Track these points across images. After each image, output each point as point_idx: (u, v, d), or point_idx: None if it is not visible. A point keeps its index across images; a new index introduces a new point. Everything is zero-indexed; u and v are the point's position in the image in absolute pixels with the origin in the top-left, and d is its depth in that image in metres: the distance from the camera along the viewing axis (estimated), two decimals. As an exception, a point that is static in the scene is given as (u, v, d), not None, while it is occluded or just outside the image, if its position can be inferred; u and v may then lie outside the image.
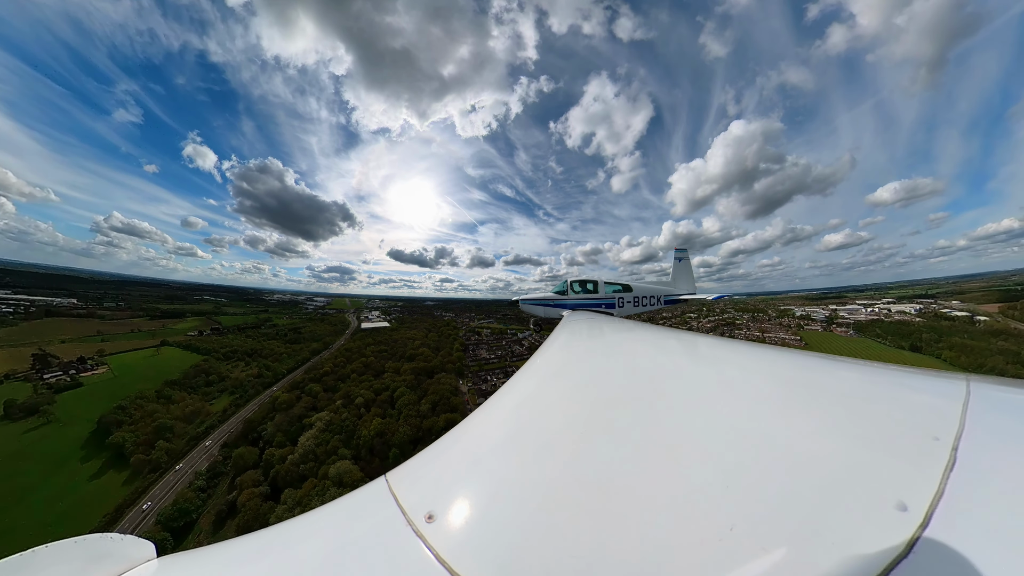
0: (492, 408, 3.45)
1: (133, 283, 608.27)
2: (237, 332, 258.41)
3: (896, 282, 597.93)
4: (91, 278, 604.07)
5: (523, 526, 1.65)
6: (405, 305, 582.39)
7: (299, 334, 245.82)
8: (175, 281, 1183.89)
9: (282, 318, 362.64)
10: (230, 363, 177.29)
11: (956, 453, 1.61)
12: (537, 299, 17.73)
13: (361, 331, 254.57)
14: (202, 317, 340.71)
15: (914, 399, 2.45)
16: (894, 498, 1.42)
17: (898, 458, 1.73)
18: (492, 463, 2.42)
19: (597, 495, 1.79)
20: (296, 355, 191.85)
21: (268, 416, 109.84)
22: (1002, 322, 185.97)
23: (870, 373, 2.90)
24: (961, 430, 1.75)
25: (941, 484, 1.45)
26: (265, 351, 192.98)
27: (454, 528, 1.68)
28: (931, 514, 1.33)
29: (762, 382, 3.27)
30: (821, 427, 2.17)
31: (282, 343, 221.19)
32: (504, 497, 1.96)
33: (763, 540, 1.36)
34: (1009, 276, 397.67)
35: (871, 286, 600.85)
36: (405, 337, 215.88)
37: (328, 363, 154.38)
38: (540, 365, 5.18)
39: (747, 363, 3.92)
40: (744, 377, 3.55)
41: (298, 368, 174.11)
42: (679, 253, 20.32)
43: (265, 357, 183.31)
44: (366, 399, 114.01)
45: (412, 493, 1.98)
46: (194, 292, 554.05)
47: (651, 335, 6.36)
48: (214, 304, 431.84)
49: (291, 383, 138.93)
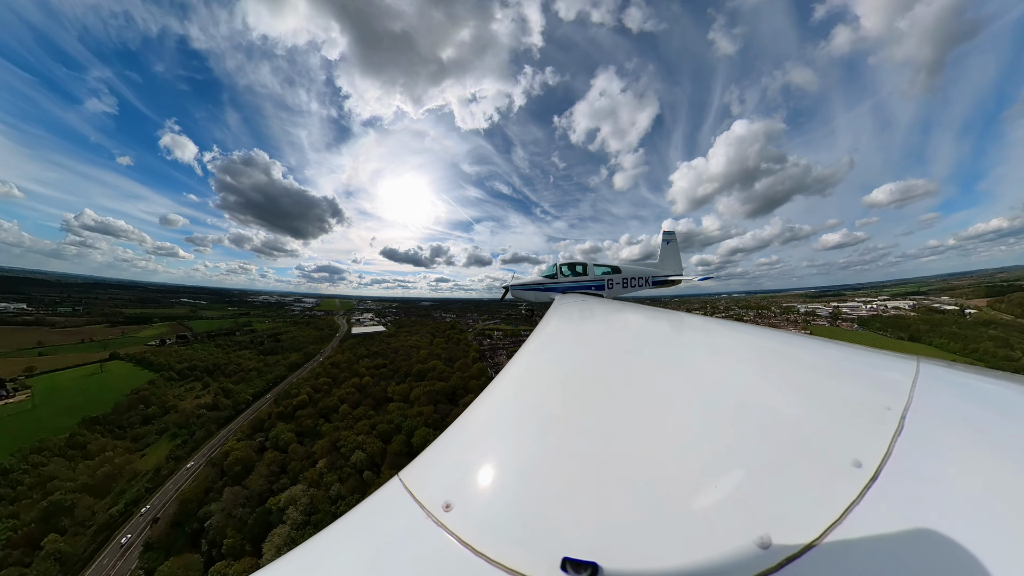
0: (492, 395, 3.45)
1: (105, 286, 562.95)
2: (207, 340, 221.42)
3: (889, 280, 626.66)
4: (58, 281, 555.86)
5: (535, 502, 1.79)
6: (400, 306, 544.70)
7: (278, 342, 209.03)
8: (153, 283, 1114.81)
9: (264, 322, 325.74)
10: (184, 385, 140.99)
11: (904, 421, 1.93)
12: (527, 284, 17.78)
13: (352, 337, 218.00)
14: (172, 323, 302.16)
15: (871, 374, 2.83)
16: (851, 456, 1.71)
17: (856, 423, 2.06)
18: (499, 448, 2.54)
19: (600, 466, 1.97)
20: (268, 372, 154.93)
21: (214, 487, 73.91)
22: (990, 314, 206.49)
23: (834, 351, 3.39)
24: (909, 402, 2.10)
25: (890, 446, 1.76)
26: (231, 367, 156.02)
27: (472, 513, 1.77)
28: (880, 470, 1.61)
29: (744, 355, 3.82)
30: (793, 396, 2.56)
31: (255, 354, 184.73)
32: (514, 478, 2.09)
33: (743, 491, 1.61)
34: (996, 273, 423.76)
35: (866, 285, 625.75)
36: (407, 345, 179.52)
37: (306, 388, 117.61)
38: (535, 349, 5.30)
39: (731, 338, 4.44)
40: (728, 350, 4.05)
41: (268, 392, 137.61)
42: (667, 236, 20.52)
43: (229, 375, 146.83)
44: (368, 452, 77.26)
45: (427, 487, 2.04)
46: (172, 294, 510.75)
47: (640, 315, 6.87)
48: (190, 307, 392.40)
49: (253, 422, 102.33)
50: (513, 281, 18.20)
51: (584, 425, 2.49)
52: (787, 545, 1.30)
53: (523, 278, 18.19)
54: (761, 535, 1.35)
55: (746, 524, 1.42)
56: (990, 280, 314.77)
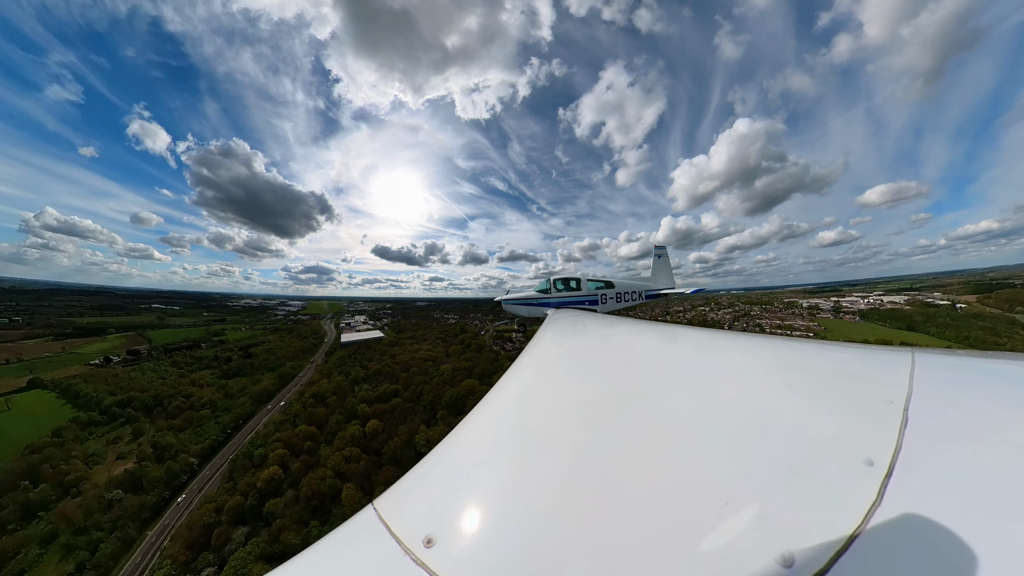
0: (480, 417, 3.20)
1: (66, 292, 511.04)
2: (164, 355, 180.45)
3: (882, 278, 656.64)
4: (12, 287, 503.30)
5: (531, 536, 1.60)
6: (395, 307, 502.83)
7: (248, 357, 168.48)
8: (125, 288, 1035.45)
9: (241, 329, 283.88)
10: (108, 432, 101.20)
11: (907, 413, 1.90)
12: (520, 299, 17.57)
13: (342, 347, 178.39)
14: (130, 333, 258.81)
15: (868, 371, 2.81)
16: (863, 455, 1.66)
17: (861, 421, 2.01)
18: (488, 473, 2.30)
19: (598, 492, 1.82)
20: (229, 407, 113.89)
21: None
22: (979, 308, 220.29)
23: (827, 351, 3.38)
24: (910, 394, 2.08)
25: (899, 440, 1.72)
26: (176, 401, 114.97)
27: (458, 549, 1.58)
28: (893, 465, 1.57)
29: (741, 364, 3.71)
30: (795, 401, 2.49)
31: (217, 375, 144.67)
32: (506, 508, 1.89)
33: (756, 507, 1.50)
34: (986, 273, 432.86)
35: (860, 281, 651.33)
36: (419, 357, 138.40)
37: (277, 449, 77.14)
38: (527, 365, 5.12)
39: (725, 349, 4.36)
40: (723, 362, 3.94)
41: (225, 444, 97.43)
42: (658, 251, 20.97)
43: (174, 414, 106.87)
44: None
45: (405, 518, 1.82)
46: (143, 300, 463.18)
47: (634, 329, 6.64)
48: (159, 314, 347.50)
49: (202, 515, 62.53)
50: (505, 296, 17.90)
51: (582, 447, 2.31)
52: (812, 559, 1.21)
53: (515, 293, 17.98)
54: (783, 552, 1.25)
55: (764, 542, 1.32)
56: (980, 278, 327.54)
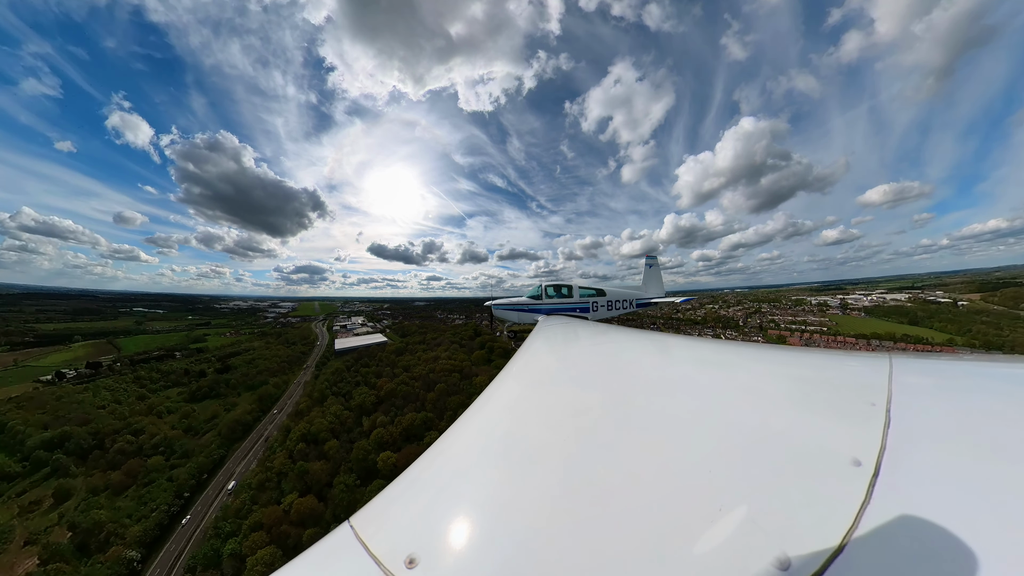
0: (466, 427, 3.10)
1: (44, 296, 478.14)
2: (130, 367, 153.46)
3: (884, 277, 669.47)
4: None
5: (520, 553, 1.54)
6: (393, 307, 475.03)
7: (224, 372, 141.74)
8: (108, 292, 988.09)
9: (225, 334, 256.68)
10: (25, 491, 74.41)
11: (889, 414, 2.03)
12: (510, 304, 17.46)
13: (337, 356, 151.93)
14: (99, 340, 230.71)
15: (850, 376, 2.99)
16: (850, 456, 1.73)
17: (846, 424, 2.13)
18: (475, 486, 2.21)
19: (591, 504, 1.80)
20: (189, 450, 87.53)
21: None
22: (982, 305, 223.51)
23: (810, 358, 3.49)
24: (890, 395, 2.22)
25: (883, 440, 1.81)
26: (119, 442, 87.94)
27: (443, 569, 1.49)
28: (879, 465, 1.63)
29: (729, 373, 3.81)
30: (783, 406, 2.61)
31: (184, 397, 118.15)
32: (495, 523, 1.81)
33: (748, 511, 1.52)
34: (992, 272, 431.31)
35: (862, 280, 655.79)
36: (440, 368, 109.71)
37: (258, 550, 52.29)
38: (516, 373, 5.06)
39: (714, 357, 4.46)
40: (713, 370, 4.03)
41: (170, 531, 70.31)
42: (649, 260, 21.17)
43: (115, 464, 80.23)
44: None
45: (385, 537, 1.72)
46: (125, 303, 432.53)
47: (625, 336, 6.72)
48: (138, 318, 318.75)
49: None
50: (495, 301, 17.83)
51: (573, 458, 2.29)
52: (807, 561, 1.24)
53: (505, 298, 17.92)
54: (778, 556, 1.27)
55: (760, 547, 1.33)
56: (985, 277, 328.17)
